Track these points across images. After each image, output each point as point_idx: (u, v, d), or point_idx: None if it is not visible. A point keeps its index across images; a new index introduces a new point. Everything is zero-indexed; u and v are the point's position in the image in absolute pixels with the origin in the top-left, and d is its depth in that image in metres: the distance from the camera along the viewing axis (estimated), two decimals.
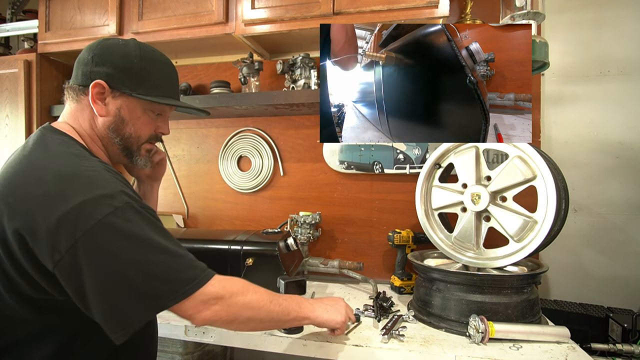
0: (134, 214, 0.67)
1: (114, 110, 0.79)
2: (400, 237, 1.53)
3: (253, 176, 1.86)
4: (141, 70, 0.80)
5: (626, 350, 1.19)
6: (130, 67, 0.79)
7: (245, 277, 1.25)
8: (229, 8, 1.54)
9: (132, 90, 0.79)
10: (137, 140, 0.84)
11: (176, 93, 0.89)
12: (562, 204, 1.16)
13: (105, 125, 0.80)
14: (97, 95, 0.78)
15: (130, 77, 0.79)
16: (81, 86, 0.79)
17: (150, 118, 0.85)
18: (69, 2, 1.76)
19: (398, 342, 1.07)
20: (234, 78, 1.82)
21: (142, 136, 0.85)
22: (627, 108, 1.52)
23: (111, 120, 0.80)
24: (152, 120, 0.86)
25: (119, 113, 0.80)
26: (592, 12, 1.55)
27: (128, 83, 0.79)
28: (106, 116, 0.79)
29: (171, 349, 1.39)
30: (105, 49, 0.79)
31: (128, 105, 0.80)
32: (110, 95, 0.79)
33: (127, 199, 0.67)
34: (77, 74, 0.81)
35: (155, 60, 0.83)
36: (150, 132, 0.86)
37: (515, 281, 1.14)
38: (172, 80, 0.87)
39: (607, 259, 1.54)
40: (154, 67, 0.82)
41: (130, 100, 0.80)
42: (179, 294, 0.68)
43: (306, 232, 1.66)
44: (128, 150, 0.84)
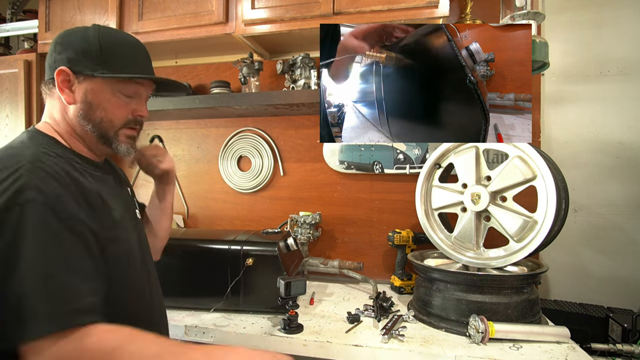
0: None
1: (81, 96, 0.75)
2: (400, 237, 1.53)
3: (253, 176, 1.86)
4: (103, 51, 0.75)
5: (626, 350, 1.19)
6: (89, 48, 0.75)
7: (245, 277, 1.26)
8: (229, 8, 1.54)
9: (93, 71, 0.74)
10: (111, 124, 0.78)
11: (148, 69, 0.83)
12: (562, 204, 1.16)
13: (75, 114, 0.76)
14: (63, 83, 0.75)
15: (92, 58, 0.75)
16: (50, 79, 0.77)
17: (122, 100, 0.79)
18: (69, 2, 1.75)
19: (398, 342, 1.07)
20: (234, 78, 1.82)
21: (115, 120, 0.79)
22: (627, 108, 1.52)
23: (79, 107, 0.76)
24: (125, 103, 0.80)
25: (85, 98, 0.75)
26: (592, 12, 1.55)
27: (89, 64, 0.74)
28: (74, 103, 0.76)
29: None
30: (65, 36, 0.77)
31: (93, 87, 0.75)
32: (76, 81, 0.75)
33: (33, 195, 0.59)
34: (46, 68, 0.78)
35: (117, 40, 0.79)
36: (124, 115, 0.80)
37: (515, 281, 1.14)
38: (141, 58, 0.82)
39: (607, 259, 1.54)
40: (117, 47, 0.78)
41: (95, 82, 0.75)
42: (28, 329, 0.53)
43: (306, 232, 1.66)
44: (104, 137, 0.79)
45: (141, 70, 0.80)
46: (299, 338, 1.10)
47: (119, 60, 0.77)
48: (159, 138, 2.00)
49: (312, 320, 1.22)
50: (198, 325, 1.19)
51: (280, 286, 1.15)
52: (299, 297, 1.21)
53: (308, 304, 1.39)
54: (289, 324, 1.13)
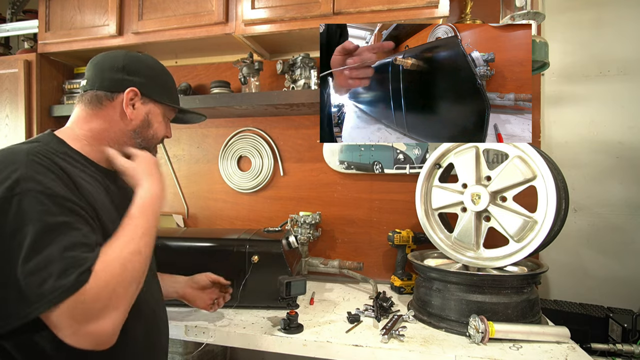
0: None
1: (143, 115, 0.89)
2: (400, 237, 1.53)
3: (253, 176, 1.86)
4: (162, 81, 0.93)
5: (626, 350, 1.20)
6: (155, 77, 0.91)
7: (251, 275, 1.27)
8: (229, 8, 1.54)
9: (160, 98, 0.91)
10: (156, 140, 0.94)
11: (178, 100, 1.02)
12: (562, 204, 1.16)
13: (131, 128, 0.88)
14: (130, 100, 0.87)
15: (156, 86, 0.91)
16: (108, 92, 0.86)
17: (166, 122, 0.96)
18: (69, 2, 1.75)
19: (398, 342, 1.07)
20: (234, 78, 1.82)
21: (159, 138, 0.95)
22: (627, 108, 1.52)
23: (138, 124, 0.88)
24: (166, 125, 0.97)
25: (147, 117, 0.90)
26: (592, 12, 1.55)
27: (156, 91, 0.91)
28: (135, 120, 0.88)
29: (171, 349, 1.39)
30: (135, 61, 0.89)
31: (154, 110, 0.91)
32: (140, 102, 0.88)
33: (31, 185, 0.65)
34: (102, 81, 0.86)
35: (166, 72, 0.96)
36: (164, 134, 0.96)
37: (515, 281, 1.14)
38: (175, 88, 1.01)
39: (607, 259, 1.54)
40: (168, 79, 0.96)
41: (157, 106, 0.91)
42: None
43: (306, 232, 1.66)
44: (147, 149, 0.92)
45: (177, 100, 0.99)
46: (299, 338, 1.10)
47: (169, 90, 0.95)
48: None
49: (312, 320, 1.23)
50: (198, 325, 1.19)
51: (280, 286, 1.15)
52: (299, 297, 1.21)
53: (308, 304, 1.39)
54: (289, 324, 1.13)
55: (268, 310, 1.31)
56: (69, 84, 1.90)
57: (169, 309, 1.31)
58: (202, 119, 1.09)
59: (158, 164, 0.89)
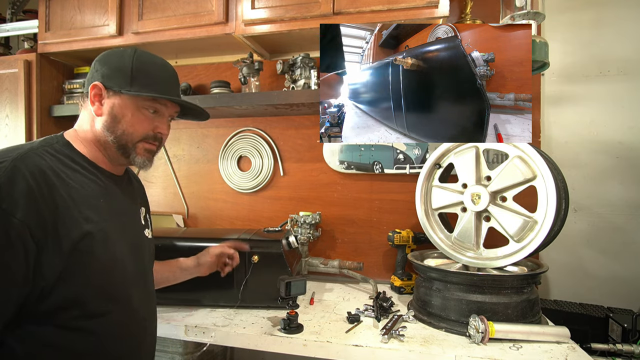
0: None
1: (108, 109, 0.83)
2: (400, 237, 1.53)
3: (253, 176, 1.86)
4: (134, 69, 0.83)
5: (626, 350, 1.20)
6: (123, 66, 0.83)
7: (251, 275, 1.28)
8: (229, 8, 1.54)
9: (121, 88, 0.82)
10: (131, 137, 0.84)
11: (174, 92, 0.89)
12: (562, 204, 1.16)
13: (101, 124, 0.83)
14: (95, 97, 0.83)
15: (123, 76, 0.82)
16: (85, 92, 0.85)
17: (145, 116, 0.85)
18: (69, 2, 1.75)
19: (398, 342, 1.07)
20: (234, 78, 1.82)
21: (136, 133, 0.85)
22: (627, 108, 1.52)
23: (106, 119, 0.83)
24: (148, 119, 0.86)
25: (112, 111, 0.83)
26: (592, 12, 1.55)
27: (120, 81, 0.82)
28: (102, 115, 0.83)
29: (171, 349, 1.39)
30: (105, 55, 0.85)
31: (120, 103, 0.83)
32: (107, 96, 0.83)
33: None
34: (85, 83, 0.86)
35: (148, 60, 0.86)
36: (146, 130, 0.86)
37: (515, 281, 1.14)
38: (169, 79, 0.88)
39: (607, 259, 1.54)
40: (147, 66, 0.85)
41: (122, 98, 0.82)
42: None
43: (306, 232, 1.66)
44: (123, 148, 0.85)
45: (166, 92, 0.86)
46: (299, 338, 1.10)
47: (149, 80, 0.84)
48: None
49: (312, 320, 1.22)
50: (198, 325, 1.19)
51: (280, 286, 1.15)
52: (299, 297, 1.21)
53: (308, 304, 1.39)
54: (289, 324, 1.13)
55: (268, 310, 1.31)
56: (69, 84, 1.90)
57: (170, 308, 1.31)
58: (203, 115, 1.01)
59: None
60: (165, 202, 1.99)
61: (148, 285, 0.95)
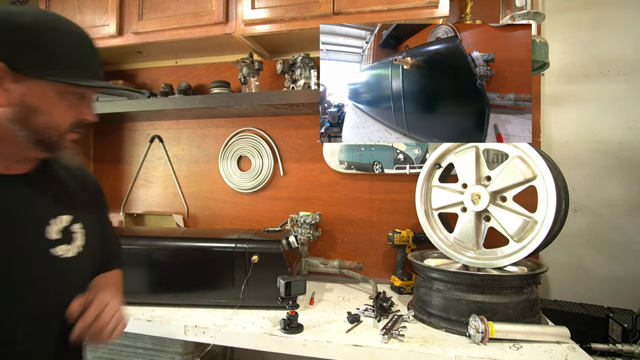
0: None
1: (18, 98, 0.63)
2: (400, 237, 1.53)
3: (253, 176, 1.86)
4: (49, 45, 0.63)
5: (626, 350, 1.19)
6: (33, 41, 0.62)
7: (251, 275, 1.28)
8: (229, 8, 1.54)
9: (40, 71, 0.62)
10: (57, 130, 0.68)
11: (95, 71, 0.70)
12: (562, 204, 1.16)
13: (5, 118, 0.63)
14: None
15: (36, 54, 0.62)
16: None
17: (71, 103, 0.68)
18: (69, 2, 1.75)
19: (398, 342, 1.07)
20: (234, 78, 1.82)
21: (63, 124, 0.68)
22: (627, 108, 1.52)
23: (13, 111, 0.63)
24: (73, 105, 0.69)
25: (24, 101, 0.63)
26: (592, 12, 1.55)
27: (32, 61, 0.62)
28: (6, 106, 0.63)
29: (171, 349, 1.38)
30: (5, 21, 0.62)
31: (36, 90, 0.63)
32: (12, 81, 0.62)
33: None
34: None
35: (65, 31, 0.66)
36: (72, 118, 0.69)
37: (515, 281, 1.14)
38: (91, 54, 0.70)
39: (607, 259, 1.54)
40: (64, 39, 0.65)
41: (40, 84, 0.63)
42: None
43: (306, 232, 1.66)
44: (46, 143, 0.68)
45: (90, 70, 0.69)
46: (299, 338, 1.10)
47: (69, 57, 0.65)
48: (159, 138, 2.01)
49: (312, 320, 1.22)
50: (198, 325, 1.19)
51: (280, 286, 1.15)
52: (299, 297, 1.21)
53: (308, 304, 1.39)
54: (289, 324, 1.13)
55: (268, 310, 1.31)
56: None
57: (170, 309, 1.31)
58: (132, 95, 0.82)
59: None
60: (165, 202, 1.99)
61: (58, 324, 0.70)
